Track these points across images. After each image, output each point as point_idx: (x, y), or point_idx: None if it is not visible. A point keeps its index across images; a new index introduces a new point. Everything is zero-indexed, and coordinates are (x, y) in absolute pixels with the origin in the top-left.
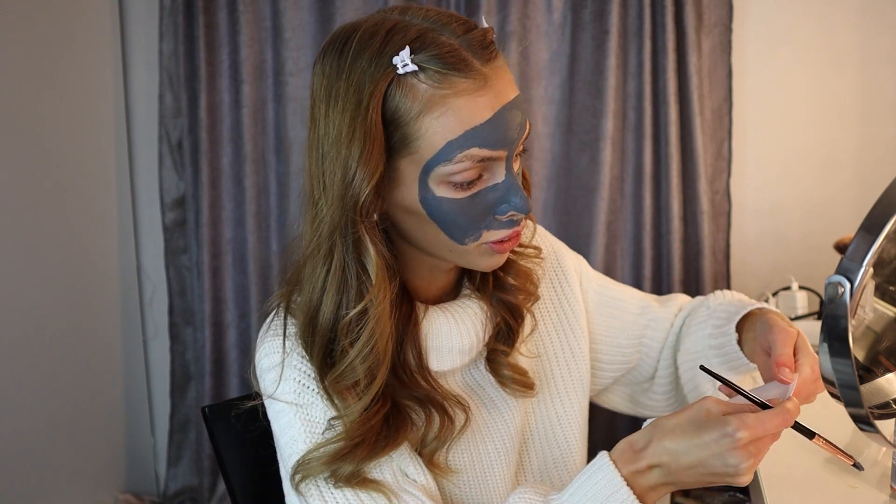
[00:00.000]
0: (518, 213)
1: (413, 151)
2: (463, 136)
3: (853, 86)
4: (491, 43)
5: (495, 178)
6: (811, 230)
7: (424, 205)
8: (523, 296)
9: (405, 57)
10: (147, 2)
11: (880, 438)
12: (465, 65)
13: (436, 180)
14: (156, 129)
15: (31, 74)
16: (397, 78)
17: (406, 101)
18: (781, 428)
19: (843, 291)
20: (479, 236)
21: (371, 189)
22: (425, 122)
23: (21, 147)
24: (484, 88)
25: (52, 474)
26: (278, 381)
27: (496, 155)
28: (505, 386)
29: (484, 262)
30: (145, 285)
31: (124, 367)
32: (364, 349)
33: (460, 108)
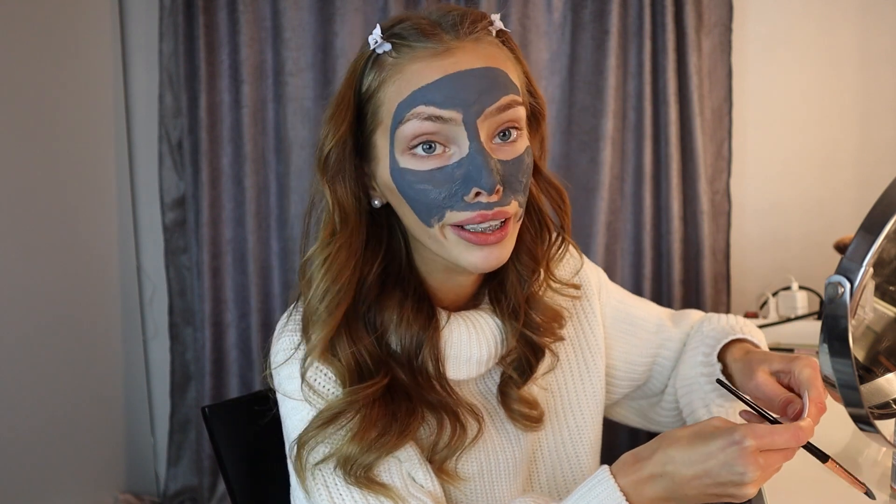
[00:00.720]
0: (482, 190)
1: (380, 121)
2: (410, 95)
3: (853, 86)
4: (472, 22)
5: (460, 150)
6: (811, 230)
7: (393, 178)
8: (546, 334)
9: (376, 35)
10: (147, 2)
11: (880, 438)
12: (427, 35)
13: (399, 149)
14: (156, 129)
15: (32, 74)
16: (374, 56)
17: (372, 74)
18: (791, 444)
19: (843, 291)
20: (442, 215)
21: (335, 145)
22: (385, 91)
23: (21, 147)
24: (442, 55)
25: (52, 474)
26: (293, 376)
27: (447, 115)
28: (514, 420)
29: (464, 257)
30: (145, 285)
31: (124, 367)
32: (319, 287)
33: (413, 72)
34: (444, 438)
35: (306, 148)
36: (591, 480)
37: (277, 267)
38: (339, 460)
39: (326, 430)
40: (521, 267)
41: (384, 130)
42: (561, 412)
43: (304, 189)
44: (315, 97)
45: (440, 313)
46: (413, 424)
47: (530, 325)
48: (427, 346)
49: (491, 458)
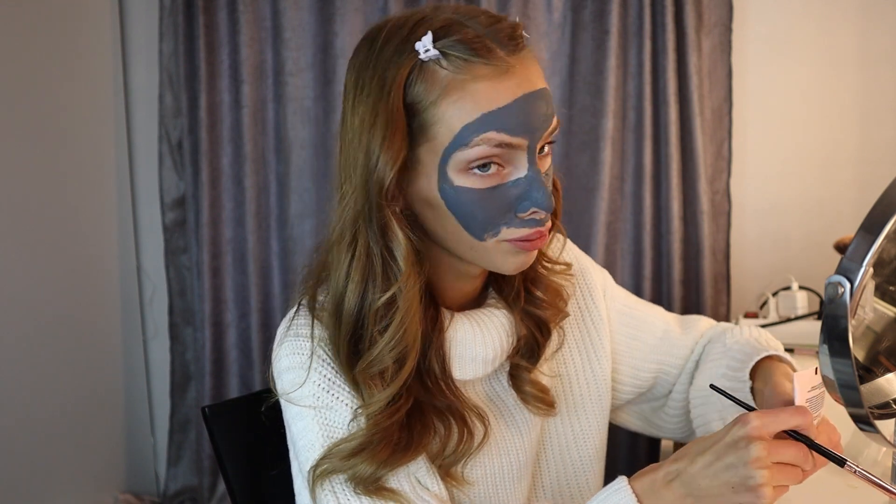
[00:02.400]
0: (540, 210)
1: (431, 138)
2: (479, 118)
3: (853, 86)
4: (519, 36)
5: (517, 171)
6: (811, 230)
7: (443, 195)
8: (552, 311)
9: (427, 42)
10: (147, 2)
11: (880, 438)
12: (487, 52)
13: (454, 168)
14: (156, 129)
15: (32, 74)
16: (420, 64)
17: (425, 87)
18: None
19: (843, 291)
20: (497, 232)
21: (394, 174)
22: (443, 107)
23: (21, 147)
24: (506, 75)
25: (52, 474)
26: (297, 383)
27: (515, 142)
28: (527, 403)
29: (509, 263)
30: (145, 285)
31: (124, 367)
32: (394, 336)
33: (479, 91)
34: (452, 444)
35: (306, 148)
36: (608, 489)
37: (277, 267)
38: (351, 477)
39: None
40: None
41: (435, 147)
42: (567, 416)
43: (303, 189)
44: (315, 97)
45: (444, 313)
46: (426, 439)
47: (533, 302)
48: (433, 346)
49: (496, 461)
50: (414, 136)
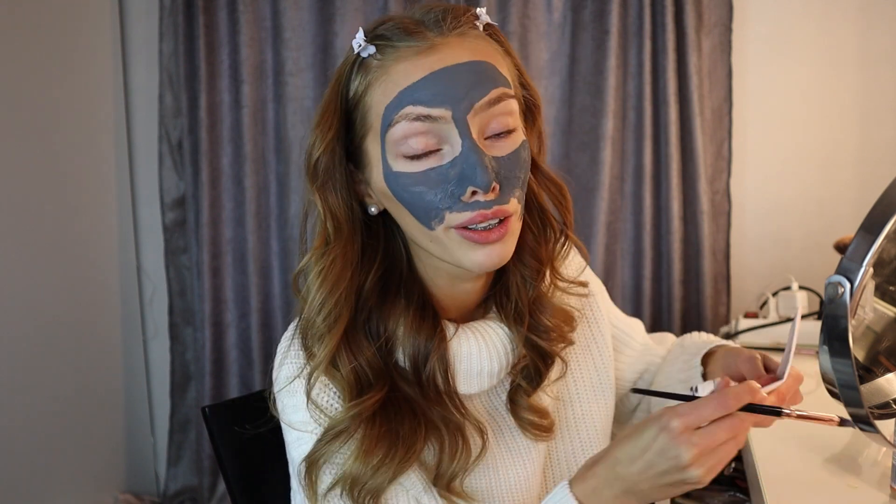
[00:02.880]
0: (479, 189)
1: (370, 126)
2: (397, 96)
3: (853, 86)
4: (457, 17)
5: (453, 150)
6: (811, 230)
7: (388, 183)
8: (556, 338)
9: (359, 38)
10: (147, 2)
11: (880, 438)
12: (410, 32)
13: (390, 153)
14: (156, 129)
15: (32, 74)
16: (360, 61)
17: (358, 79)
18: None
19: (843, 291)
20: (442, 218)
21: (322, 152)
22: (371, 94)
23: (21, 147)
24: (427, 52)
25: (52, 474)
26: (298, 409)
27: (436, 113)
28: (524, 429)
29: (467, 258)
30: (145, 285)
31: (124, 367)
32: (315, 297)
33: (397, 72)
34: (447, 457)
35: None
36: (551, 496)
37: (277, 267)
38: (345, 483)
39: (332, 447)
40: (524, 269)
41: (375, 135)
42: (573, 423)
43: (303, 189)
44: (315, 97)
45: (446, 325)
46: (418, 442)
47: (537, 329)
48: (434, 358)
49: (501, 475)
50: (358, 128)
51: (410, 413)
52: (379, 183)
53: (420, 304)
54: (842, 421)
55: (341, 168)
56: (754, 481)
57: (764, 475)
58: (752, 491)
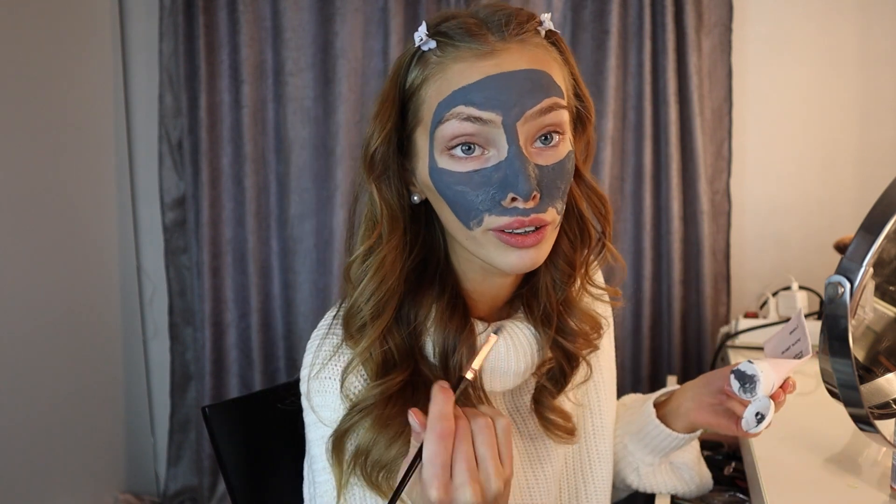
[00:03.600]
0: (518, 196)
1: (421, 119)
2: (450, 95)
3: (853, 86)
4: (517, 23)
5: (499, 154)
6: (811, 230)
7: (433, 178)
8: (582, 342)
9: (422, 32)
10: (147, 2)
11: (880, 438)
12: (472, 34)
13: (438, 149)
14: (156, 129)
15: (32, 74)
16: (420, 53)
17: (416, 71)
18: (440, 401)
19: (843, 291)
20: (481, 220)
21: (380, 143)
22: (426, 89)
23: (21, 147)
24: (486, 57)
25: (52, 474)
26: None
27: (486, 116)
28: (548, 430)
29: (500, 259)
30: (145, 285)
31: (124, 367)
32: (367, 286)
33: (455, 72)
34: None
35: (306, 148)
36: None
37: (277, 267)
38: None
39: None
40: (556, 273)
41: (424, 129)
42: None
43: (303, 189)
44: (315, 97)
45: (476, 323)
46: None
47: (564, 332)
48: (462, 350)
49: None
50: (410, 119)
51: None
52: (424, 175)
53: (452, 296)
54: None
55: (395, 158)
56: (754, 481)
57: (764, 475)
58: (752, 491)
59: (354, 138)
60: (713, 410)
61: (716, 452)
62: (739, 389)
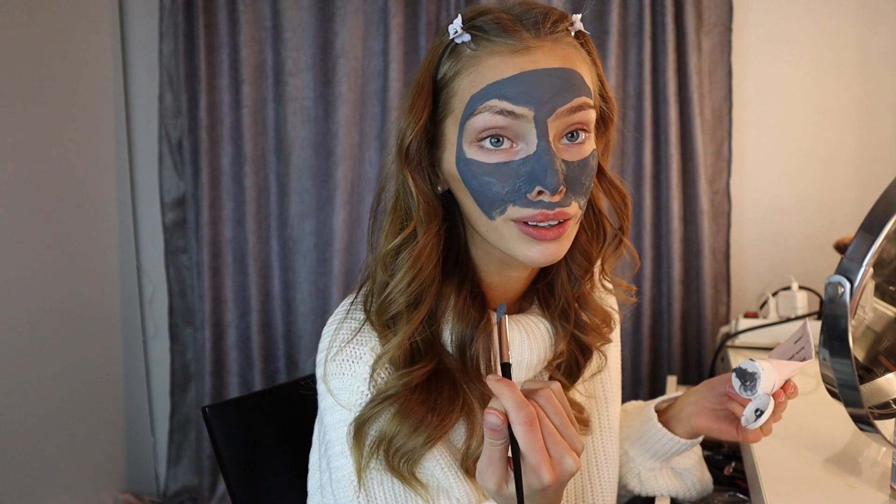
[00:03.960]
0: (545, 189)
1: (451, 111)
2: (484, 88)
3: (853, 86)
4: (552, 22)
5: (528, 147)
6: (811, 230)
7: (459, 168)
8: (595, 335)
9: (457, 25)
10: (147, 2)
11: (880, 438)
12: (507, 31)
13: (467, 140)
14: (156, 129)
15: (32, 74)
16: (453, 45)
17: (449, 63)
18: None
19: (843, 291)
20: (504, 209)
21: (415, 135)
22: (459, 81)
23: (21, 147)
24: (521, 53)
25: (52, 474)
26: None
27: (519, 111)
28: None
29: (522, 250)
30: (145, 285)
31: (124, 367)
32: (405, 277)
33: (489, 66)
34: (478, 437)
35: (306, 148)
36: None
37: (277, 267)
38: (381, 443)
39: (380, 409)
40: (573, 266)
41: (454, 120)
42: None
43: (303, 189)
44: (315, 97)
45: (492, 315)
46: (454, 412)
47: (578, 325)
48: (479, 341)
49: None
50: (440, 110)
51: (451, 385)
52: (450, 165)
53: (471, 288)
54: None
55: (427, 149)
56: (754, 481)
57: (764, 475)
58: (752, 491)
59: (354, 138)
60: (715, 415)
61: (716, 452)
62: (741, 388)
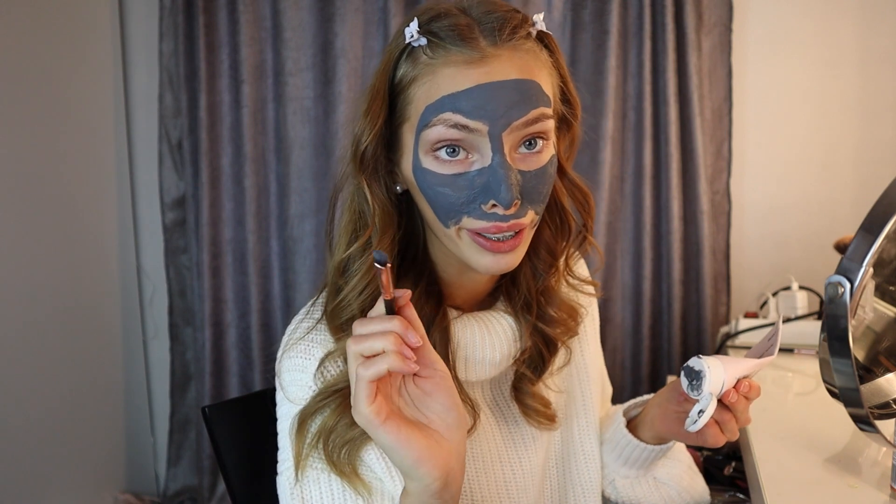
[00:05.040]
0: (499, 204)
1: (407, 117)
2: (439, 100)
3: (853, 86)
4: (510, 28)
5: (482, 160)
6: (811, 230)
7: (415, 175)
8: (561, 329)
9: (413, 29)
10: (147, 2)
11: (880, 438)
12: (465, 40)
13: (423, 149)
14: (156, 129)
15: (32, 74)
16: (409, 49)
17: (405, 69)
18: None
19: (843, 291)
20: (459, 220)
21: (370, 141)
22: (415, 89)
23: (21, 147)
24: (477, 63)
25: (52, 474)
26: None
27: (473, 125)
28: (528, 416)
29: (476, 259)
30: (145, 285)
31: (124, 367)
32: (358, 285)
33: (445, 76)
34: None
35: (306, 148)
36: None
37: (277, 267)
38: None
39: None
40: (537, 262)
41: (411, 127)
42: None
43: (303, 189)
44: (315, 97)
45: (450, 311)
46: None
47: (543, 318)
48: (434, 336)
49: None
50: (397, 115)
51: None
52: (408, 171)
53: (427, 283)
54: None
55: (384, 154)
56: (754, 481)
57: (764, 475)
58: (752, 491)
59: None
60: (678, 418)
61: (716, 452)
62: (688, 387)
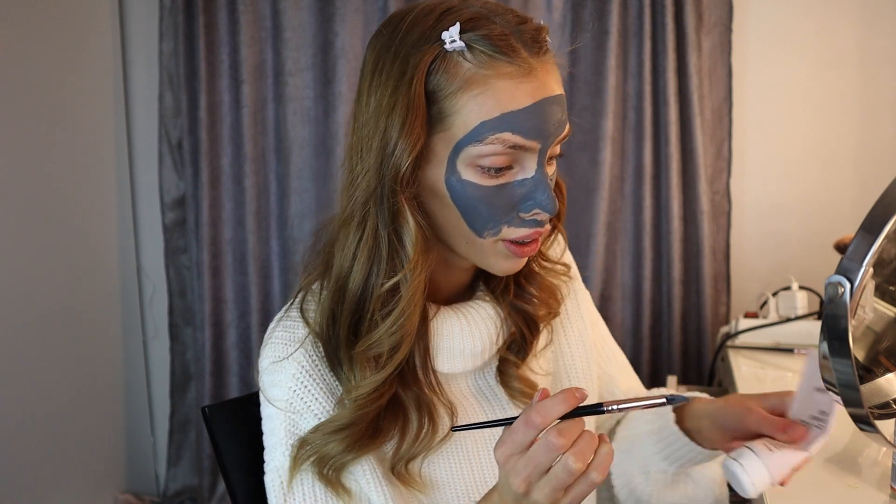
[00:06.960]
0: (543, 212)
1: (446, 128)
2: (499, 118)
3: (853, 86)
4: (543, 39)
5: (525, 171)
6: (811, 230)
7: (448, 187)
8: (543, 310)
9: (454, 33)
10: (147, 2)
11: (880, 438)
12: (512, 51)
13: (464, 162)
14: (156, 129)
15: (32, 74)
16: (443, 53)
17: (447, 76)
18: (529, 432)
19: (843, 291)
20: (498, 231)
21: (411, 161)
22: (462, 100)
23: (21, 147)
24: (528, 77)
25: (52, 474)
26: (276, 385)
27: (529, 144)
28: (514, 398)
29: (500, 264)
30: (145, 285)
31: (124, 367)
32: (396, 322)
33: (500, 90)
34: (410, 438)
35: (306, 148)
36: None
37: (277, 267)
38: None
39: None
40: None
41: (448, 138)
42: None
43: (303, 189)
44: (315, 97)
45: (429, 306)
46: (393, 429)
47: (523, 297)
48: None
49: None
50: (430, 124)
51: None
52: (436, 182)
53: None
54: (668, 399)
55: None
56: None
57: None
58: None
59: None
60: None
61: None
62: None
